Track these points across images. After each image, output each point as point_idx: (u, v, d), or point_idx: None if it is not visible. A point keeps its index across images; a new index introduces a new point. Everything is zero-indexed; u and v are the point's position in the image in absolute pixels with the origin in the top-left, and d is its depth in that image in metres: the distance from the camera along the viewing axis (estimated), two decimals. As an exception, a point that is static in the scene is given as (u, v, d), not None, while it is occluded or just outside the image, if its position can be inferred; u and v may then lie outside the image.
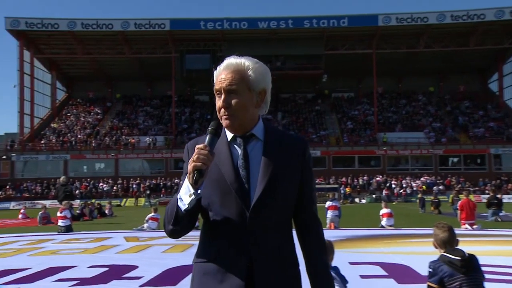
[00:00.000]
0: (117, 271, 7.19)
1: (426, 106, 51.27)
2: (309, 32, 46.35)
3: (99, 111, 53.19)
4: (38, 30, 45.59)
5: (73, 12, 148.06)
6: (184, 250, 9.18)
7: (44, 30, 45.56)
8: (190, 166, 1.61)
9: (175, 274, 6.84)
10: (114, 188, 41.05)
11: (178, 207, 1.64)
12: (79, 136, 47.45)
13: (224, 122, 1.74)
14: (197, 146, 1.64)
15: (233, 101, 1.71)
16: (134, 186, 40.74)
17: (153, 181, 41.11)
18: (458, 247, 3.63)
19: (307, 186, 1.81)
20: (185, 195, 1.62)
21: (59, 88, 56.33)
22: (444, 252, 3.57)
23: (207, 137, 1.69)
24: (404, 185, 39.22)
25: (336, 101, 53.45)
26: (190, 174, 1.61)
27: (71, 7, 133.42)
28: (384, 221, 14.56)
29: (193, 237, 4.86)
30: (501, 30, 45.26)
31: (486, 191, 34.70)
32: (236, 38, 46.68)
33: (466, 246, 3.94)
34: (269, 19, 45.84)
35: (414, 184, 39.49)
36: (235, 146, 1.78)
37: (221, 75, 1.74)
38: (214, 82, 1.77)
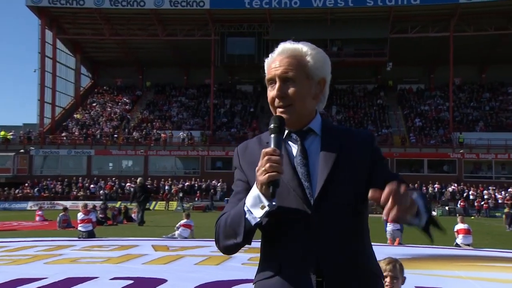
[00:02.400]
0: (143, 285, 7.31)
1: (517, 101, 49.51)
2: (373, 12, 45.61)
3: (127, 101, 54.57)
4: (62, 6, 47.04)
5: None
6: (220, 263, 9.24)
7: (68, 6, 46.96)
8: (262, 176, 1.59)
9: (209, 291, 6.85)
10: (143, 189, 41.79)
11: (246, 220, 1.66)
12: (104, 129, 48.85)
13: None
14: (264, 151, 1.62)
15: (290, 90, 1.73)
16: (165, 187, 41.44)
17: (187, 182, 41.63)
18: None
19: (383, 171, 1.81)
20: (255, 208, 1.64)
21: (84, 74, 58.15)
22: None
23: (272, 138, 1.68)
24: (485, 197, 37.98)
25: (402, 94, 52.54)
26: (262, 186, 1.61)
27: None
28: (459, 239, 14.16)
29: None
30: None
31: None
32: (286, 18, 46.56)
33: None
34: (325, -4, 45.48)
35: (499, 196, 38.18)
36: (290, 142, 1.81)
37: (275, 61, 1.77)
38: (266, 71, 1.79)
